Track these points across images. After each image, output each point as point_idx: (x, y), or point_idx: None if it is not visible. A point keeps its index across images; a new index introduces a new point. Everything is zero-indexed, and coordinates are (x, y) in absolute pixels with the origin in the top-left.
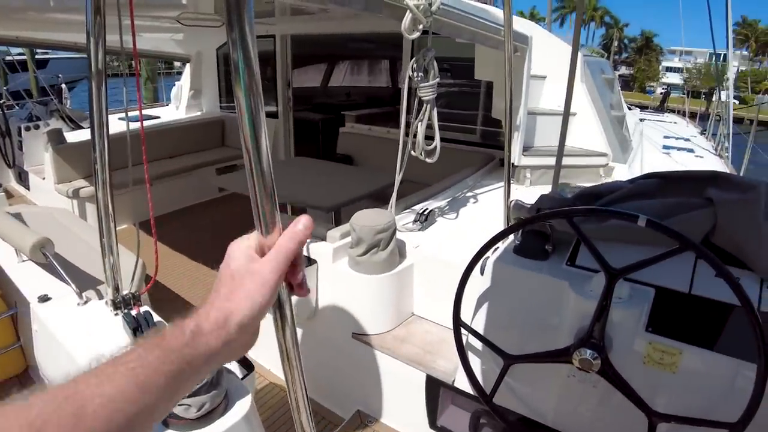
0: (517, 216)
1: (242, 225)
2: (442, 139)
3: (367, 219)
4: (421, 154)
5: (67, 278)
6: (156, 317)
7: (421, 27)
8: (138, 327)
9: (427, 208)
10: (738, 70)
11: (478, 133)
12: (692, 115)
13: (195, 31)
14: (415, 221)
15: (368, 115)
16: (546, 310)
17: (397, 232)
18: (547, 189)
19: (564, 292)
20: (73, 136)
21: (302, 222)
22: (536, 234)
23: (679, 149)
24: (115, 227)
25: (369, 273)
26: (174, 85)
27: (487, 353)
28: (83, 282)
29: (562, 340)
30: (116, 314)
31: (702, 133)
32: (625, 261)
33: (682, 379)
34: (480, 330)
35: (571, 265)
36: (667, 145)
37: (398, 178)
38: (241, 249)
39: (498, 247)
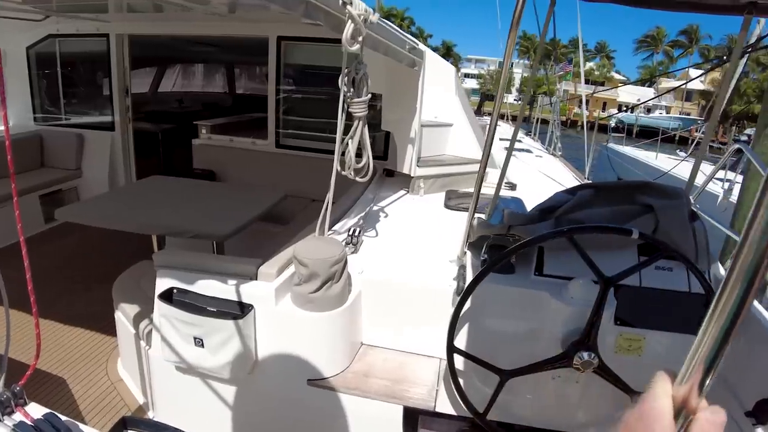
0: (483, 233)
1: (86, 261)
2: (318, 151)
3: (317, 251)
4: (351, 173)
5: None
6: (62, 417)
7: (360, 38)
8: None
9: (354, 229)
10: (522, 76)
11: None
12: (502, 116)
13: None
14: (347, 244)
15: (226, 125)
16: (528, 321)
17: None
18: (439, 197)
19: (545, 302)
20: None
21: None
22: (501, 249)
23: (519, 150)
24: None
25: (324, 309)
26: None
27: (470, 371)
28: None
29: (549, 346)
30: None
31: (527, 134)
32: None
33: (648, 360)
34: (467, 350)
35: (540, 275)
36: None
37: (330, 199)
38: (665, 410)
39: (464, 264)
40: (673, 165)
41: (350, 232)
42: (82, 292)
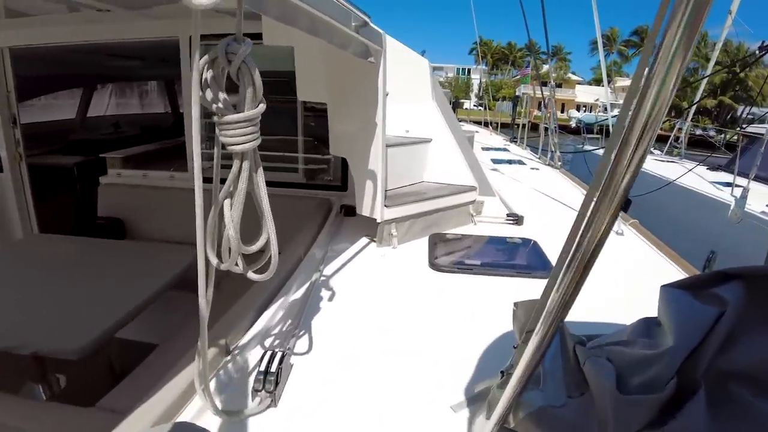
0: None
1: None
2: None
3: None
4: (237, 265)
5: None
6: None
7: None
8: None
9: (277, 347)
10: (480, 81)
11: (300, 171)
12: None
13: None
14: (255, 393)
15: (140, 155)
16: None
17: None
18: (418, 244)
19: None
20: None
21: None
22: None
23: (509, 162)
24: None
25: None
26: None
27: None
28: None
29: None
30: None
31: (513, 141)
32: None
33: None
34: None
35: None
36: (495, 158)
37: (205, 341)
38: None
39: None
40: (679, 173)
41: (269, 354)
42: None
